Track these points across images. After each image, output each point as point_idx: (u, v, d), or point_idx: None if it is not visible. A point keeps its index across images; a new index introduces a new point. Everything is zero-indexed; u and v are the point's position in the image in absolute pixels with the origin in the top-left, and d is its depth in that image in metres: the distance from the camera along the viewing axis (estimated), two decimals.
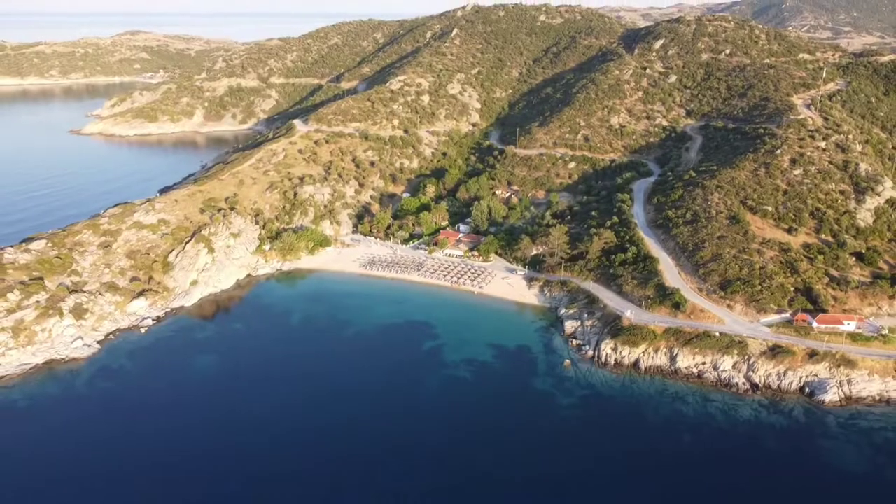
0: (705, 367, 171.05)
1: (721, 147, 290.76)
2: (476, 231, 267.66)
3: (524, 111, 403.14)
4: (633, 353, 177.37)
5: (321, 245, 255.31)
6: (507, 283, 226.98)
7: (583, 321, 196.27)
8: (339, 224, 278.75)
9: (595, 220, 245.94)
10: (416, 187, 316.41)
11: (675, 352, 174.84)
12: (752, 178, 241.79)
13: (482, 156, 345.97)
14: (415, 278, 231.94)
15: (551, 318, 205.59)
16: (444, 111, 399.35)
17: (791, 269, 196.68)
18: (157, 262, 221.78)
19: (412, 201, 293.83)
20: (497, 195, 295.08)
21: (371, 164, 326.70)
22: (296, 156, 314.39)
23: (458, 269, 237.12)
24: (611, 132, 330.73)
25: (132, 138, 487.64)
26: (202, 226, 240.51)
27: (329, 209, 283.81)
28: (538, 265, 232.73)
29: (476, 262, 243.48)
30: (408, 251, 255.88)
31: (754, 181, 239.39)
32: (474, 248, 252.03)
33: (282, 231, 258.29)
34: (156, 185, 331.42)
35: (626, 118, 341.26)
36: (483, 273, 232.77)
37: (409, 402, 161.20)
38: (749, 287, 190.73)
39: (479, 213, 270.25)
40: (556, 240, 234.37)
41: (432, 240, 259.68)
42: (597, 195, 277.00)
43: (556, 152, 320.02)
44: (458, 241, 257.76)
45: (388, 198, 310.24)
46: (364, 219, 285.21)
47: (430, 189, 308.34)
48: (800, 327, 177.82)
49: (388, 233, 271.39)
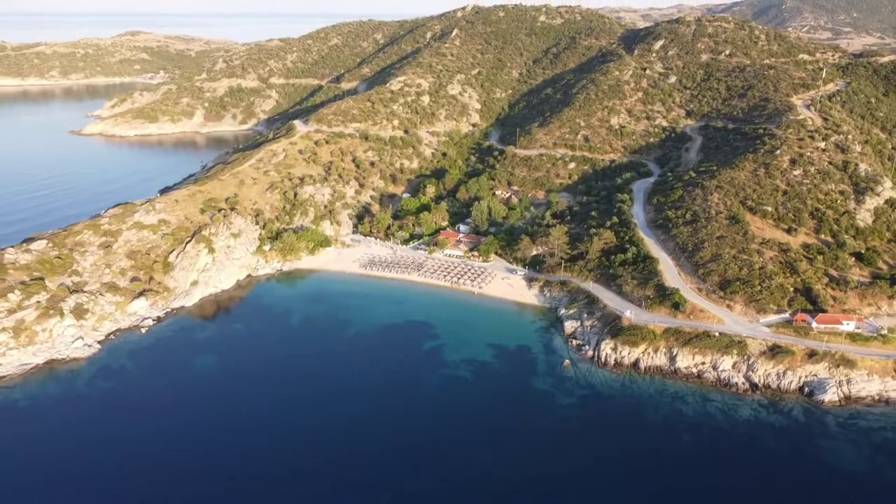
0: (705, 367, 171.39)
1: (721, 147, 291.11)
2: (476, 231, 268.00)
3: (524, 112, 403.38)
4: (632, 353, 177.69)
5: (321, 245, 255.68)
6: (507, 283, 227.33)
7: (583, 321, 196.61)
8: (340, 224, 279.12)
9: (595, 221, 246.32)
10: (416, 188, 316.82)
11: (675, 352, 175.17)
12: (752, 178, 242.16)
13: (482, 156, 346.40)
14: (415, 278, 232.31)
15: (551, 318, 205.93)
16: (445, 112, 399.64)
17: (790, 270, 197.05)
18: (157, 263, 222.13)
19: (412, 202, 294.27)
20: (497, 195, 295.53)
21: (371, 165, 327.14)
22: (296, 156, 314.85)
23: (458, 269, 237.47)
24: (611, 132, 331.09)
25: (132, 139, 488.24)
26: (202, 226, 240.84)
27: (329, 209, 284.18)
28: (538, 265, 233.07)
29: (476, 262, 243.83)
30: (408, 251, 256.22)
31: (754, 181, 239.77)
32: (474, 248, 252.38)
33: (282, 231, 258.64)
34: (156, 186, 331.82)
35: (625, 119, 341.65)
36: (483, 273, 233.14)
37: (409, 402, 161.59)
38: (749, 287, 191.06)
39: (479, 214, 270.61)
40: (556, 240, 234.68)
41: (432, 240, 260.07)
42: (597, 195, 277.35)
43: (556, 153, 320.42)
44: (458, 242, 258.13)
45: (389, 198, 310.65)
46: (364, 219, 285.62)
47: (431, 189, 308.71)
48: (799, 327, 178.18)
49: (389, 233, 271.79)
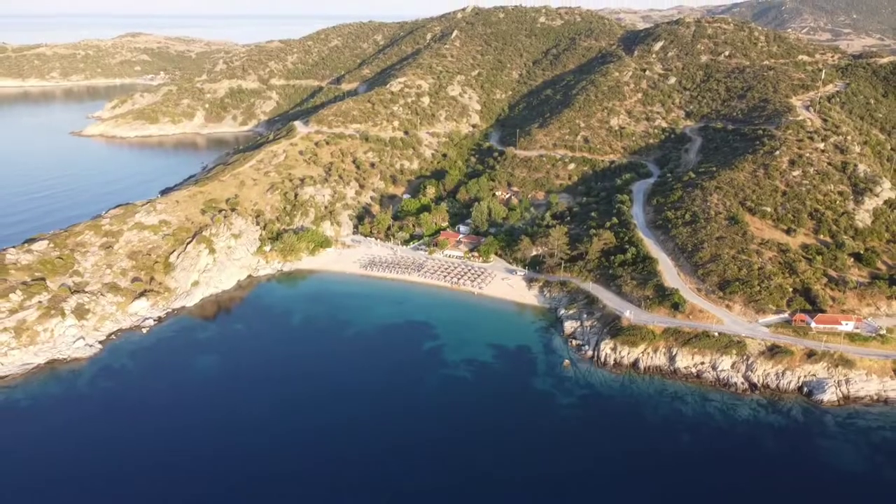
0: (704, 367, 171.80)
1: (720, 148, 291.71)
2: (476, 232, 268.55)
3: (524, 113, 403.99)
4: (632, 353, 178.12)
5: (322, 246, 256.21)
6: (506, 283, 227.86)
7: (582, 321, 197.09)
8: (340, 225, 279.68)
9: (594, 221, 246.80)
10: (416, 188, 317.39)
11: (674, 352, 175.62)
12: (751, 179, 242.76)
13: (482, 157, 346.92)
14: (415, 279, 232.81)
15: (551, 318, 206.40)
16: (445, 113, 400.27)
17: (790, 270, 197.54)
18: (158, 263, 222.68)
19: (412, 202, 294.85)
20: (497, 196, 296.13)
21: (371, 166, 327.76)
22: (296, 157, 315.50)
23: (458, 269, 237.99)
24: (610, 133, 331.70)
25: (133, 140, 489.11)
26: (203, 227, 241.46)
27: (329, 210, 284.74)
28: (538, 266, 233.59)
29: (476, 262, 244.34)
30: (408, 252, 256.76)
31: (753, 182, 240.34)
32: (474, 248, 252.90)
33: (282, 232, 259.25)
34: (157, 187, 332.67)
35: (625, 120, 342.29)
36: (483, 274, 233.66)
37: (409, 402, 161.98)
38: (748, 287, 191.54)
39: (479, 215, 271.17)
40: (556, 241, 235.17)
41: (432, 241, 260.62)
42: (596, 196, 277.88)
43: (556, 153, 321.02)
44: (458, 242, 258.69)
45: (389, 199, 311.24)
46: (364, 220, 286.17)
47: (431, 190, 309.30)
48: (798, 327, 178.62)
49: (389, 234, 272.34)
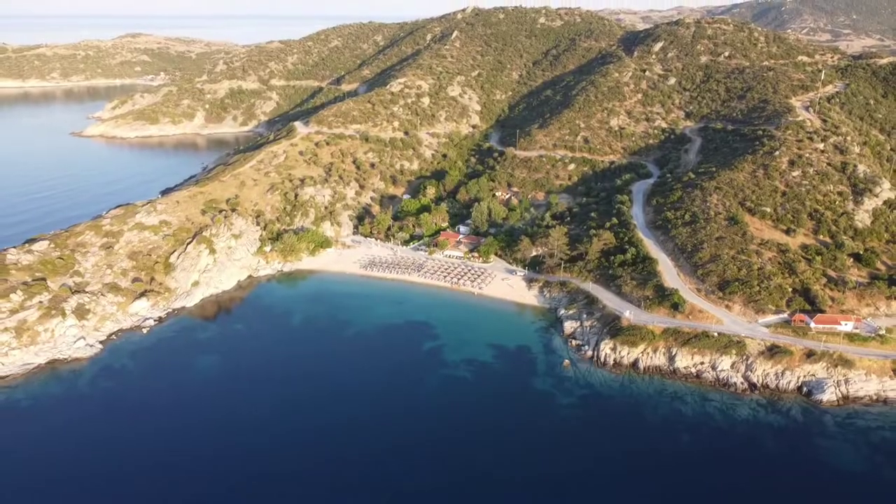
0: (704, 367, 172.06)
1: (720, 149, 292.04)
2: (476, 232, 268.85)
3: (524, 113, 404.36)
4: (632, 353, 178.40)
5: (322, 246, 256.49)
6: (506, 283, 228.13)
7: (582, 321, 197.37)
8: (340, 225, 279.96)
9: (594, 222, 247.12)
10: (416, 189, 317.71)
11: (674, 352, 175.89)
12: (751, 179, 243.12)
13: (482, 157, 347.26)
14: (415, 279, 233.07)
15: (551, 318, 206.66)
16: (445, 113, 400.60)
17: (789, 270, 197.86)
18: (158, 263, 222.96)
19: (412, 203, 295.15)
20: (497, 197, 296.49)
21: (371, 166, 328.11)
22: (296, 157, 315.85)
23: (458, 270, 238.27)
24: (610, 134, 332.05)
25: (133, 140, 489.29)
26: (203, 227, 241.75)
27: (330, 210, 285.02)
28: (538, 266, 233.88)
29: (476, 263, 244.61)
30: (408, 252, 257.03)
31: (753, 182, 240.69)
32: (474, 249, 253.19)
33: (283, 232, 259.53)
34: (157, 187, 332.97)
35: (625, 120, 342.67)
36: (483, 274, 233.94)
37: (410, 402, 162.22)
38: (747, 287, 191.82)
39: (479, 215, 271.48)
40: (556, 241, 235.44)
41: (432, 241, 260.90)
42: (596, 196, 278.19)
43: (556, 154, 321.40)
44: (458, 243, 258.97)
45: (389, 199, 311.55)
46: (364, 220, 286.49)
47: (431, 191, 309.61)
48: (798, 327, 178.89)
49: (389, 234, 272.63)
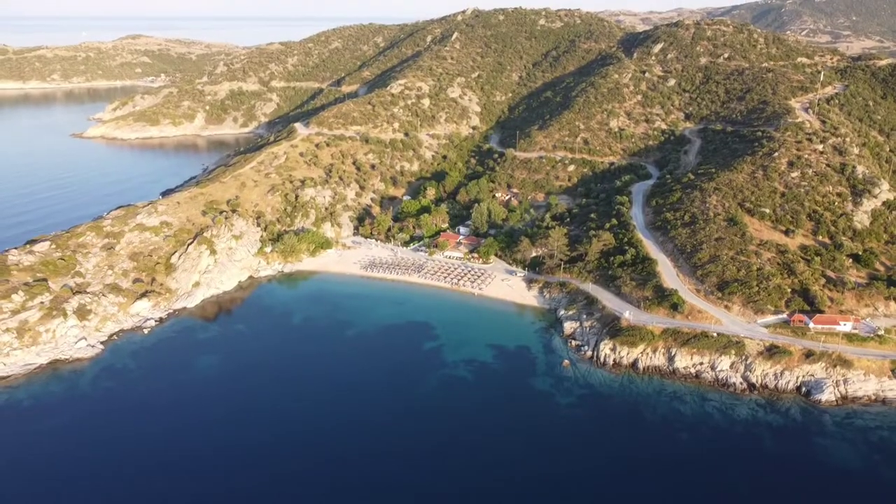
0: (703, 367, 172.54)
1: (719, 150, 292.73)
2: (476, 233, 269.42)
3: (524, 114, 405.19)
4: (631, 353, 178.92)
5: (322, 247, 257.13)
6: (506, 284, 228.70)
7: (582, 322, 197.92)
8: (340, 226, 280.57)
9: (594, 223, 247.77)
10: (416, 190, 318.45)
11: (673, 352, 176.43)
12: (750, 180, 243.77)
13: (482, 159, 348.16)
14: (415, 280, 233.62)
15: (550, 319, 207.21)
16: (445, 114, 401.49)
17: (788, 271, 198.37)
18: (159, 264, 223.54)
19: (412, 204, 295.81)
20: (497, 198, 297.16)
21: (372, 167, 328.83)
22: (297, 159, 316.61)
23: (458, 270, 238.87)
24: (610, 135, 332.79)
25: (134, 142, 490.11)
26: (204, 228, 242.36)
27: (330, 212, 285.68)
28: (537, 267, 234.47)
29: (476, 263, 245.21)
30: (408, 253, 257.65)
31: (752, 183, 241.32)
32: (474, 250, 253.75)
33: (283, 233, 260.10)
34: (158, 188, 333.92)
35: (625, 121, 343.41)
36: (483, 275, 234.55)
37: (410, 402, 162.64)
38: (746, 288, 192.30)
39: (479, 216, 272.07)
40: (556, 242, 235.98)
41: (432, 242, 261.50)
42: (596, 198, 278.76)
43: (556, 155, 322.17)
44: (458, 244, 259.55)
45: (389, 200, 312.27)
46: (365, 221, 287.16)
47: (431, 192, 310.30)
48: (796, 328, 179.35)
49: (389, 235, 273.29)
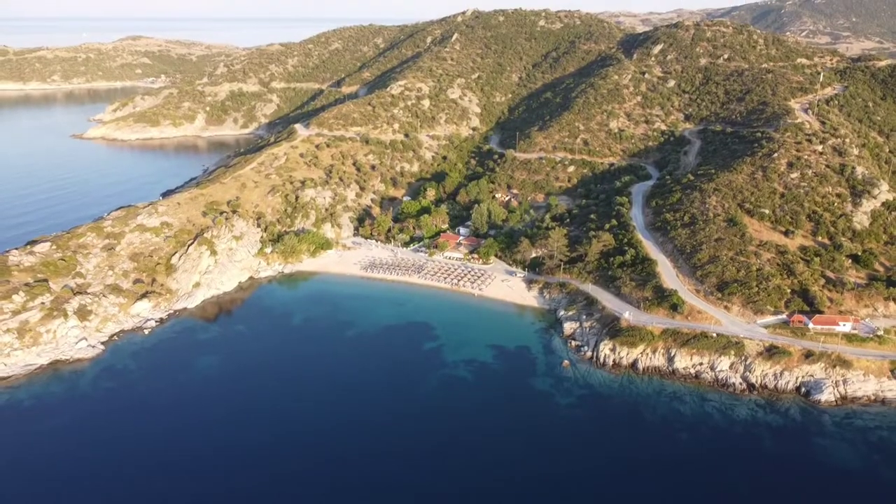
0: (702, 368, 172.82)
1: (719, 151, 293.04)
2: (476, 234, 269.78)
3: (524, 115, 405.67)
4: (631, 353, 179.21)
5: (322, 248, 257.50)
6: (506, 285, 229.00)
7: (581, 322, 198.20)
8: (341, 227, 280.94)
9: (594, 223, 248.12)
10: (416, 191, 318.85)
11: (673, 352, 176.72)
12: (750, 181, 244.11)
13: (482, 160, 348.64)
14: (415, 280, 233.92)
15: (550, 319, 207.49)
16: (445, 115, 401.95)
17: (788, 271, 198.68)
18: (160, 265, 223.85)
19: (413, 205, 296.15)
20: (497, 198, 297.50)
21: (372, 168, 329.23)
22: (297, 160, 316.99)
23: (458, 271, 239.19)
24: (610, 136, 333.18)
25: (134, 142, 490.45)
26: (204, 228, 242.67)
27: (330, 212, 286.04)
28: (537, 267, 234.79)
29: (476, 264, 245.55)
30: (408, 254, 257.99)
31: (752, 184, 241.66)
32: (474, 250, 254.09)
33: (283, 234, 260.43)
34: (158, 189, 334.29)
35: (624, 122, 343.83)
36: (483, 275, 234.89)
37: (410, 403, 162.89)
38: (746, 289, 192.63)
39: (479, 217, 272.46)
40: (556, 242, 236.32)
41: (432, 243, 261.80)
42: (596, 198, 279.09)
43: (556, 156, 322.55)
44: (458, 244, 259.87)
45: (389, 201, 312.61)
46: (365, 222, 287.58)
47: (431, 192, 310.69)
48: (796, 328, 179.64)
49: (389, 236, 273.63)
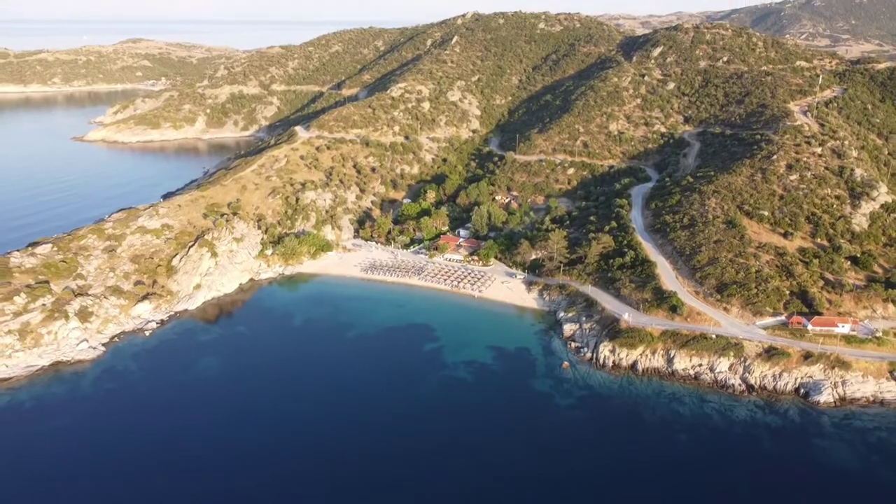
0: (702, 369, 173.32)
1: (718, 153, 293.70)
2: (476, 236, 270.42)
3: (524, 118, 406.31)
4: (630, 354, 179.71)
5: (323, 250, 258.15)
6: (506, 286, 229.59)
7: (581, 324, 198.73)
8: (341, 229, 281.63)
9: (594, 225, 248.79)
10: (416, 193, 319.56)
11: (672, 354, 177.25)
12: (749, 183, 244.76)
13: (482, 162, 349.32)
14: (415, 282, 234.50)
15: (550, 321, 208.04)
16: (445, 118, 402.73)
17: (787, 273, 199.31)
18: (160, 267, 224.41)
19: (413, 207, 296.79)
20: (497, 201, 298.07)
21: (372, 170, 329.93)
22: (297, 162, 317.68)
23: (459, 273, 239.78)
24: (609, 138, 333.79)
25: (135, 145, 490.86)
26: (205, 230, 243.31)
27: (330, 214, 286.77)
28: (537, 269, 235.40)
29: (476, 266, 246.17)
30: (408, 256, 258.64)
31: (751, 186, 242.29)
32: (474, 252, 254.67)
33: (284, 236, 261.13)
34: (159, 191, 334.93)
35: (624, 125, 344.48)
36: (483, 277, 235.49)
37: (410, 403, 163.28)
38: (745, 290, 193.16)
39: (479, 219, 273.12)
40: (555, 244, 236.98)
41: (433, 244, 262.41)
42: (595, 200, 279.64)
43: (556, 158, 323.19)
44: (459, 246, 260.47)
45: (389, 203, 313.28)
46: (365, 224, 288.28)
47: (431, 195, 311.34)
48: (795, 330, 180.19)
49: (389, 238, 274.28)
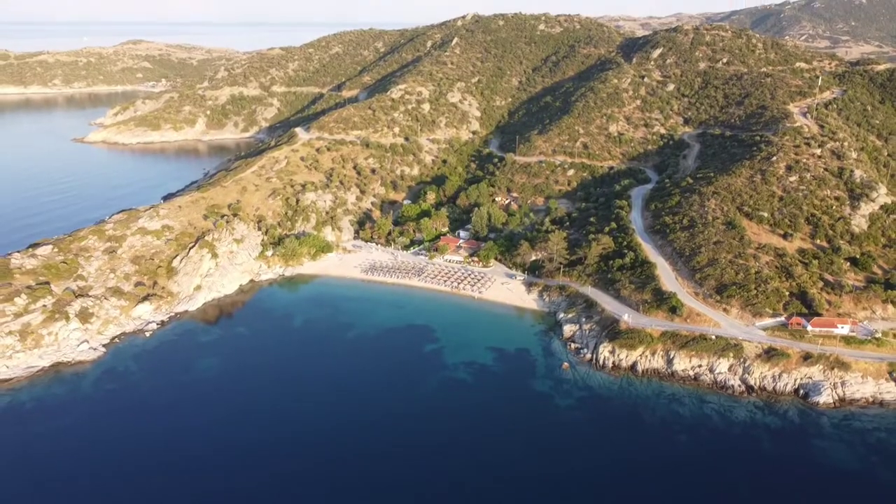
0: (701, 370, 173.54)
1: (718, 154, 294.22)
2: (476, 237, 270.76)
3: (524, 119, 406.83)
4: (630, 355, 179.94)
5: (323, 251, 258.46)
6: (506, 288, 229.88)
7: (581, 325, 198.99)
8: (341, 230, 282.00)
9: (593, 226, 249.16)
10: (416, 194, 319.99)
11: (672, 355, 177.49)
12: (749, 184, 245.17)
13: (482, 163, 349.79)
14: (415, 283, 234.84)
15: (550, 322, 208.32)
16: (445, 119, 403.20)
17: (786, 274, 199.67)
18: (161, 268, 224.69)
19: (413, 208, 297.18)
20: (497, 202, 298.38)
21: (372, 172, 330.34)
22: (298, 163, 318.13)
23: (458, 274, 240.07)
24: (609, 140, 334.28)
25: (135, 146, 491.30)
26: (206, 232, 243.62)
27: (331, 216, 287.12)
28: (537, 270, 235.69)
29: (476, 267, 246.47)
30: (408, 257, 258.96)
31: (750, 188, 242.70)
32: (474, 253, 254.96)
33: (284, 237, 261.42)
34: (159, 192, 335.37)
35: (624, 126, 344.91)
36: (483, 278, 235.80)
37: (410, 404, 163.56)
38: (745, 291, 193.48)
39: (479, 220, 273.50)
40: (555, 245, 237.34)
41: (433, 246, 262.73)
42: (595, 202, 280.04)
43: (555, 160, 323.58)
44: (458, 247, 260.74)
45: (389, 205, 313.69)
46: (365, 225, 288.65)
47: (431, 196, 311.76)
48: (794, 331, 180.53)
49: (389, 239, 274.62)
